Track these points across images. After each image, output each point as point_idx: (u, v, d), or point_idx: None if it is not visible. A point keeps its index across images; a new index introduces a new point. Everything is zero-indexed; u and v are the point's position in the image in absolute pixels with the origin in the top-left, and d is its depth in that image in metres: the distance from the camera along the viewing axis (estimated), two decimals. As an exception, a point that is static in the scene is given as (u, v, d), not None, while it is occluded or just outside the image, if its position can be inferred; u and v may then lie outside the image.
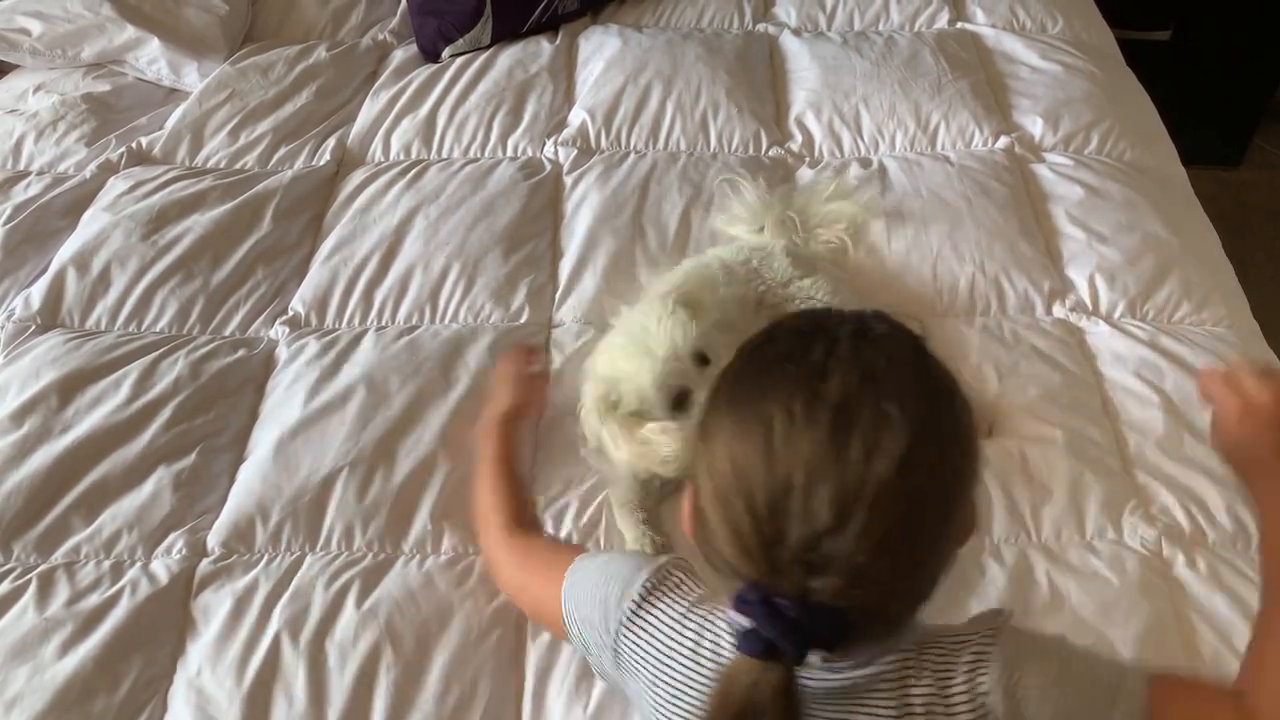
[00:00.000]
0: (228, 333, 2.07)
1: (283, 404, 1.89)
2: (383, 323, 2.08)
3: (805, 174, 2.32)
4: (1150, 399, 1.72)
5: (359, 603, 1.59)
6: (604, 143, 2.45)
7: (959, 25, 2.52)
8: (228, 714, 1.47)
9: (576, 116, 2.52)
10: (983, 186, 2.14)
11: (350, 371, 1.92)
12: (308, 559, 1.66)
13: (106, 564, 1.65)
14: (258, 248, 2.21)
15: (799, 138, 2.39)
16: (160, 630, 1.57)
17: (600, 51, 2.67)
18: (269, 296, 2.14)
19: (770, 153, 2.39)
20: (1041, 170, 2.21)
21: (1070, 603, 1.52)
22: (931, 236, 2.05)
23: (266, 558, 1.66)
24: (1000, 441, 1.70)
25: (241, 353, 2.00)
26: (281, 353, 2.01)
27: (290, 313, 2.11)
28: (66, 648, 1.53)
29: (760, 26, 2.74)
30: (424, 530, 1.70)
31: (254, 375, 1.97)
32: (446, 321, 2.07)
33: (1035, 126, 2.23)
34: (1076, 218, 2.06)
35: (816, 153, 2.39)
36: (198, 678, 1.50)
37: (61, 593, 1.60)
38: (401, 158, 2.50)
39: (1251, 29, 3.06)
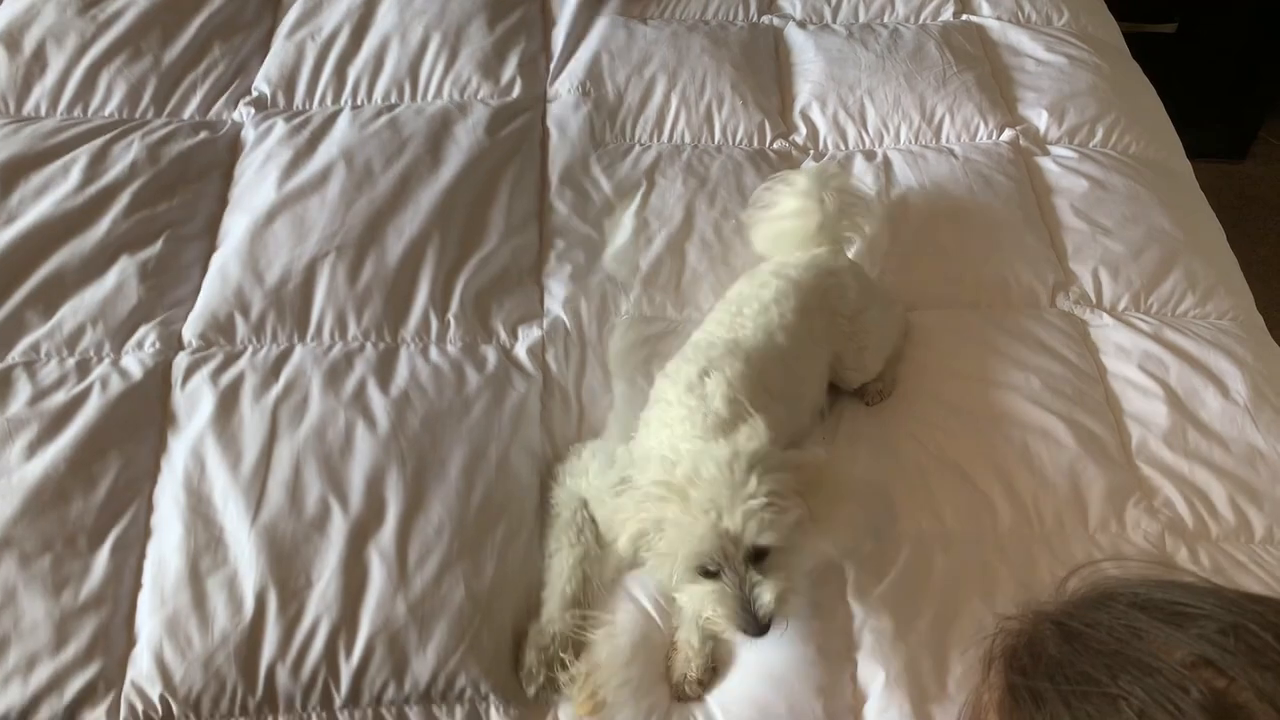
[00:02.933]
0: (186, 116, 1.86)
1: (254, 187, 1.70)
2: (358, 101, 1.87)
3: (810, 167, 2.10)
4: (1154, 392, 1.64)
5: (360, 396, 1.44)
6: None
7: (964, 18, 2.36)
8: (224, 514, 1.33)
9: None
10: (987, 179, 1.98)
11: (327, 150, 1.73)
12: (297, 350, 1.50)
13: (71, 361, 1.48)
14: (211, 23, 1.98)
15: (804, 130, 2.16)
16: (138, 427, 1.41)
17: None
18: (229, 76, 1.92)
19: (775, 145, 2.14)
20: (1046, 163, 2.05)
21: None
22: (936, 230, 1.88)
23: (251, 349, 1.50)
24: (1004, 432, 1.57)
25: (204, 135, 1.79)
26: (249, 135, 1.81)
27: (254, 93, 1.89)
28: (33, 449, 1.37)
29: (765, 19, 2.46)
30: (425, 316, 1.54)
31: (219, 159, 1.77)
32: (430, 98, 1.87)
33: (1040, 119, 2.10)
34: (1081, 211, 1.92)
35: (821, 145, 2.16)
36: (186, 475, 1.36)
37: (22, 392, 1.44)
38: (365, -75, 2.23)
39: (1258, 22, 2.97)
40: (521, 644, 1.29)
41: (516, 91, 1.87)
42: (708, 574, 1.22)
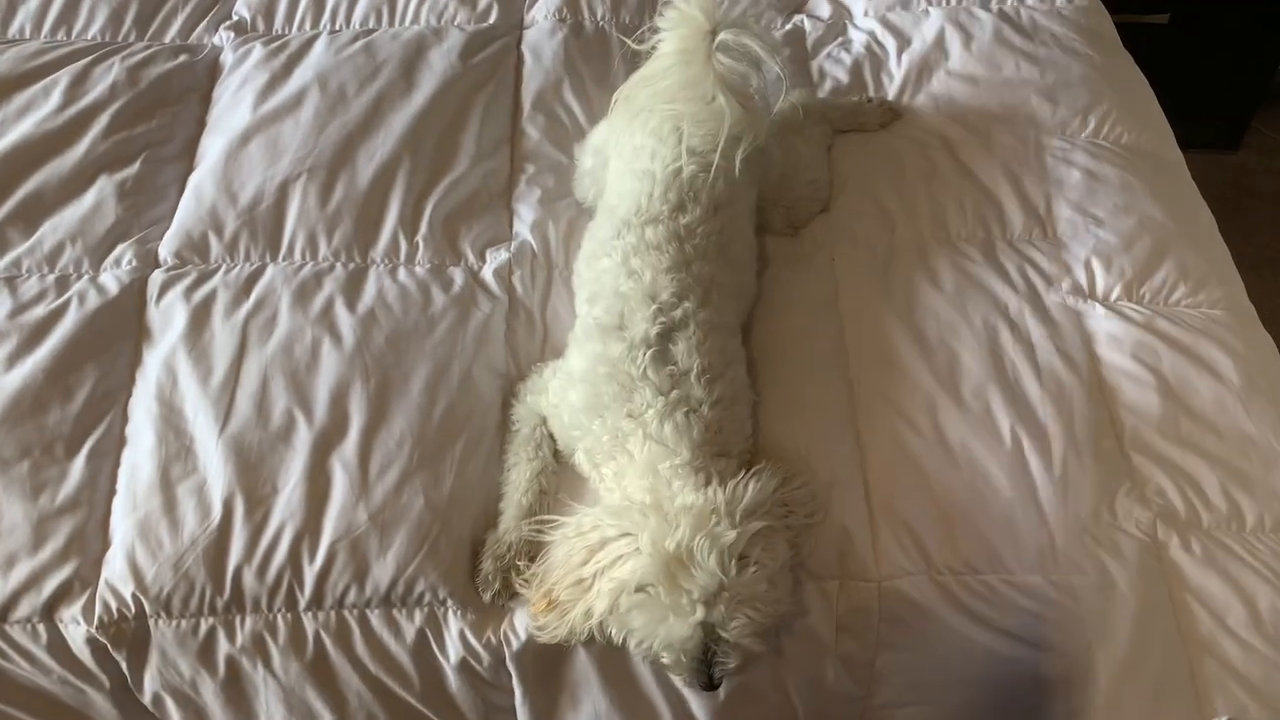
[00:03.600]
0: (167, 40, 1.89)
1: (231, 110, 1.73)
2: (336, 26, 1.89)
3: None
4: (1146, 380, 1.60)
5: (328, 313, 1.48)
6: None
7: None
8: (194, 424, 1.38)
9: None
10: None
11: (302, 74, 1.76)
12: (269, 269, 1.54)
13: (51, 277, 1.53)
14: (194, -54, 1.99)
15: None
16: (113, 341, 1.46)
17: None
18: (210, 0, 1.94)
19: None
20: None
21: (1069, 589, 1.41)
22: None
23: (224, 268, 1.54)
24: (995, 423, 1.56)
25: (183, 58, 1.82)
26: (227, 58, 1.83)
27: (235, 18, 1.91)
28: (13, 360, 1.43)
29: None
30: (394, 238, 1.58)
31: (198, 83, 1.80)
32: (407, 23, 1.89)
33: (1030, 109, 2.04)
34: (1073, 201, 1.86)
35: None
36: (158, 387, 1.41)
37: (2, 306, 1.49)
38: None
39: (1251, 12, 2.88)
40: (479, 552, 1.34)
41: (493, 18, 1.88)
42: None
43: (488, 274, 1.56)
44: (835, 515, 1.34)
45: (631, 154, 1.51)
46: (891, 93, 1.84)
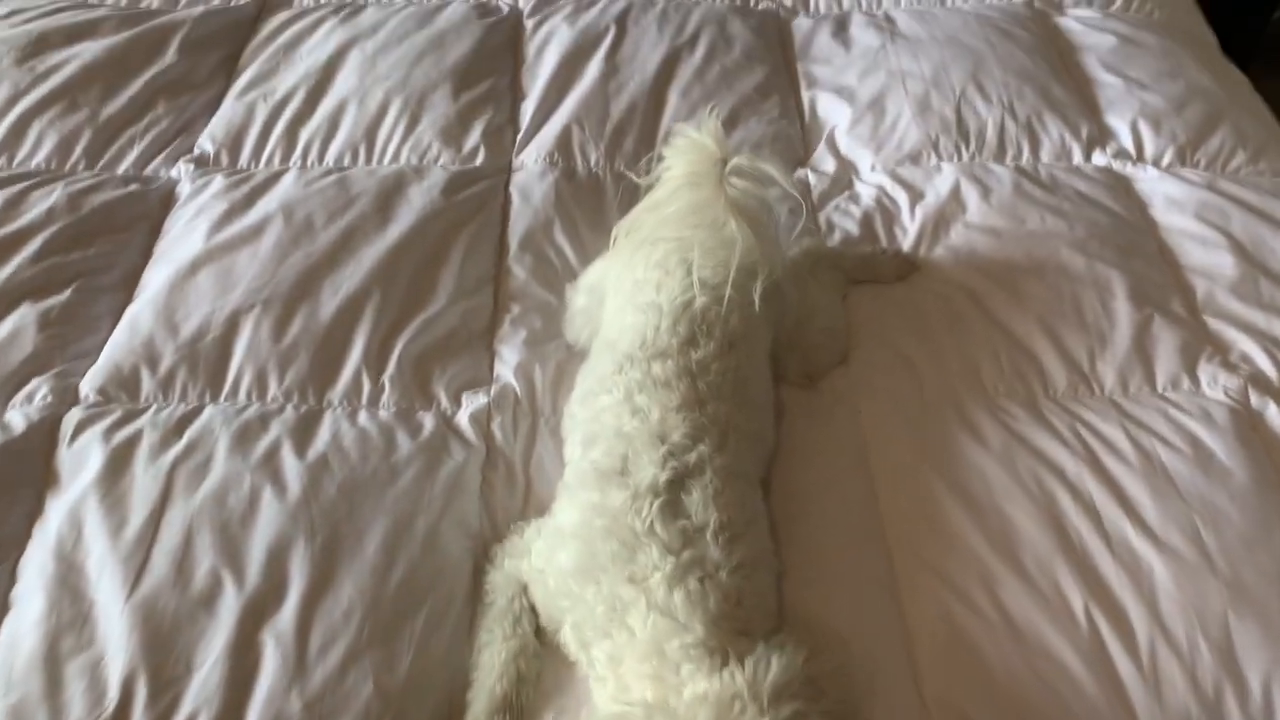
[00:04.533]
0: (120, 171, 1.72)
1: (181, 239, 1.55)
2: (308, 163, 1.74)
3: (802, 24, 2.08)
4: (1216, 241, 1.55)
5: (272, 459, 1.26)
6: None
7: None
8: (97, 587, 1.13)
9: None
10: (1005, 32, 1.99)
11: (266, 205, 1.59)
12: (207, 409, 1.33)
13: (-52, 413, 1.31)
14: (159, 80, 1.86)
15: (793, -1, 2.15)
16: (11, 488, 1.23)
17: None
18: (171, 133, 1.79)
19: (760, 5, 2.14)
20: (1067, 23, 2.05)
21: (1159, 460, 1.27)
22: (953, 77, 1.84)
23: (155, 407, 1.33)
24: (1048, 282, 1.45)
25: (134, 187, 1.66)
26: (183, 189, 1.67)
27: (197, 151, 1.76)
28: (-117, 509, 1.18)
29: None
30: (356, 378, 1.37)
31: (149, 212, 1.63)
32: (385, 162, 1.74)
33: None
34: (1112, 65, 1.89)
35: (813, 4, 2.17)
36: (58, 541, 1.17)
37: (-116, 446, 1.26)
38: (332, -1, 2.15)
39: None
40: (439, 754, 1.08)
41: (480, 160, 1.74)
42: None
43: (463, 419, 1.35)
44: (882, 712, 1.10)
45: (633, 288, 1.33)
46: (907, 245, 1.69)
